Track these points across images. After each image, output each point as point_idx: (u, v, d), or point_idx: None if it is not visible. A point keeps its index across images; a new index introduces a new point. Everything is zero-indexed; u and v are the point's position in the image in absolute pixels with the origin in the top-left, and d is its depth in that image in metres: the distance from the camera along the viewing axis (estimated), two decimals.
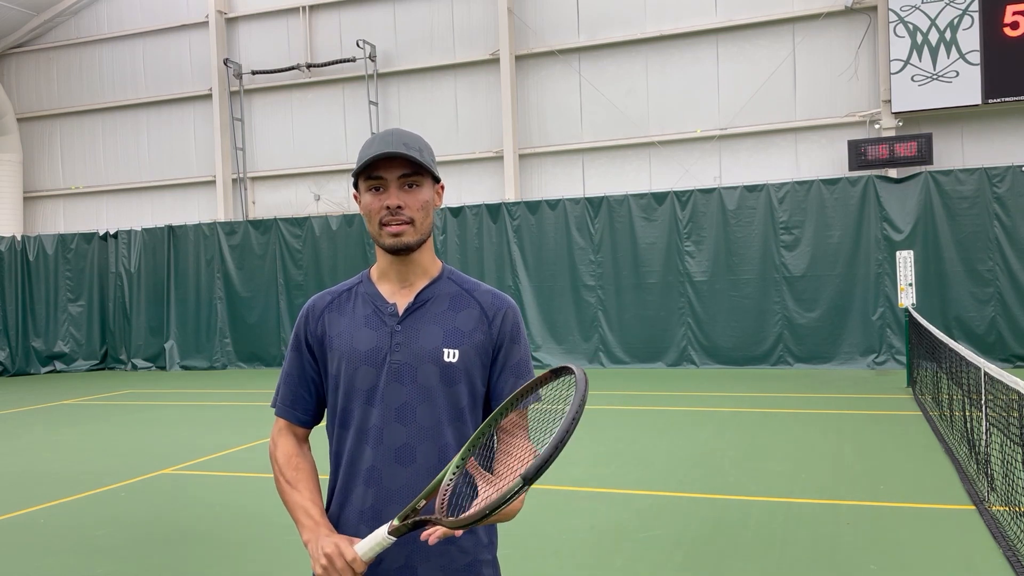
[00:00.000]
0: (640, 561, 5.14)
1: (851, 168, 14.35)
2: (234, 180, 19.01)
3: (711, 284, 14.75)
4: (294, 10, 18.53)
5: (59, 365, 18.82)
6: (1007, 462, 5.48)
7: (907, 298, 11.97)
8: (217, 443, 9.47)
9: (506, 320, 2.07)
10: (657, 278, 15.05)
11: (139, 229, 18.84)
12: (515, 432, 1.94)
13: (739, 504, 6.28)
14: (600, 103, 16.28)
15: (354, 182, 2.04)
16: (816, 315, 14.19)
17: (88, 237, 19.03)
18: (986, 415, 6.17)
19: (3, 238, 18.96)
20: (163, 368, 18.27)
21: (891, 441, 8.24)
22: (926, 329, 9.86)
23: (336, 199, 18.31)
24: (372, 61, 17.67)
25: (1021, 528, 5.03)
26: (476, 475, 1.75)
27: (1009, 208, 13.33)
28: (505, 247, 16.03)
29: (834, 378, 12.90)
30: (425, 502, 1.75)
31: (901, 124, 14.38)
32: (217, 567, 5.39)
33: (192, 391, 14.52)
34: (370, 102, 17.66)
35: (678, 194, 14.99)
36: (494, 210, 16.13)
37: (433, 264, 2.10)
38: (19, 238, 19.05)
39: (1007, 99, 13.59)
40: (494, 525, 2.10)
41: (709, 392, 12.02)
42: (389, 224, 1.97)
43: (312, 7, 18.39)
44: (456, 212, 16.34)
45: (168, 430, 10.57)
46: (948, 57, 13.82)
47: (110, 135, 20.35)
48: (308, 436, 2.16)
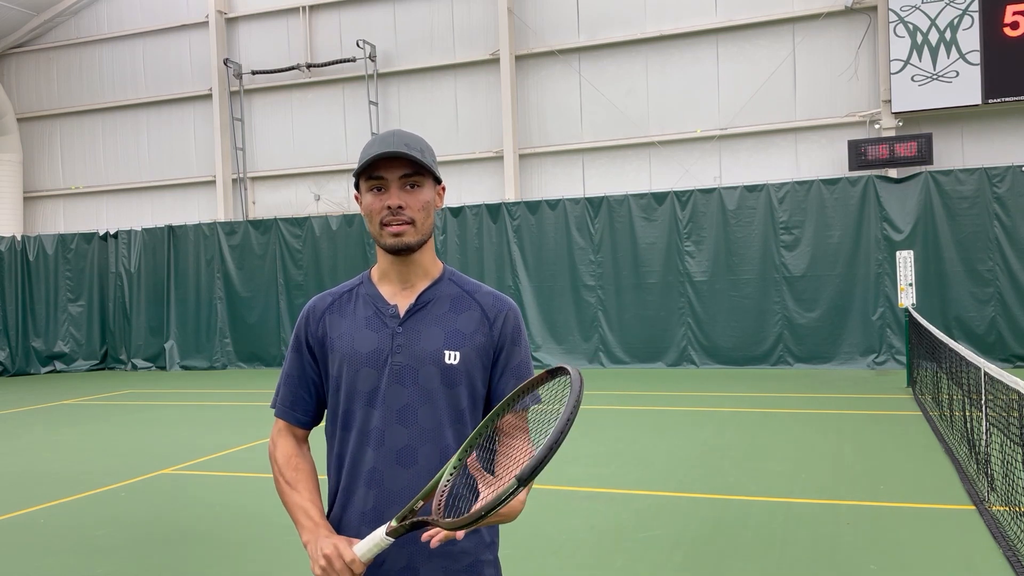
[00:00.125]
0: (640, 561, 5.14)
1: (851, 168, 14.36)
2: (234, 180, 19.01)
3: (711, 284, 14.75)
4: (294, 10, 18.54)
5: (59, 365, 18.82)
6: (1007, 462, 5.48)
7: (907, 298, 11.97)
8: (217, 443, 9.48)
9: (507, 322, 2.07)
10: (657, 278, 15.05)
11: (139, 229, 18.84)
12: (514, 434, 1.94)
13: (739, 504, 6.28)
14: (600, 103, 16.29)
15: (355, 182, 2.05)
16: (816, 315, 14.19)
17: (88, 237, 19.03)
18: (986, 415, 6.17)
19: (3, 238, 18.96)
20: (163, 368, 18.27)
21: (891, 441, 8.24)
22: (926, 329, 9.86)
23: (336, 199, 18.31)
24: (372, 61, 17.67)
25: (1021, 528, 5.03)
26: (477, 475, 1.75)
27: (1009, 208, 13.33)
28: (505, 247, 16.02)
29: (834, 378, 12.90)
30: (423, 503, 1.75)
31: (901, 124, 14.38)
32: (217, 567, 5.39)
33: (192, 391, 14.52)
34: (370, 102, 17.66)
35: (678, 194, 14.99)
36: (494, 210, 16.13)
37: (434, 265, 2.10)
38: (19, 238, 19.05)
39: (1007, 99, 13.59)
40: (495, 525, 2.10)
41: (709, 392, 12.02)
42: (390, 224, 1.97)
43: (312, 7, 18.39)
44: (456, 212, 16.34)
45: (168, 430, 10.58)
46: (948, 57, 13.83)
47: (110, 135, 20.35)
48: (308, 437, 2.16)
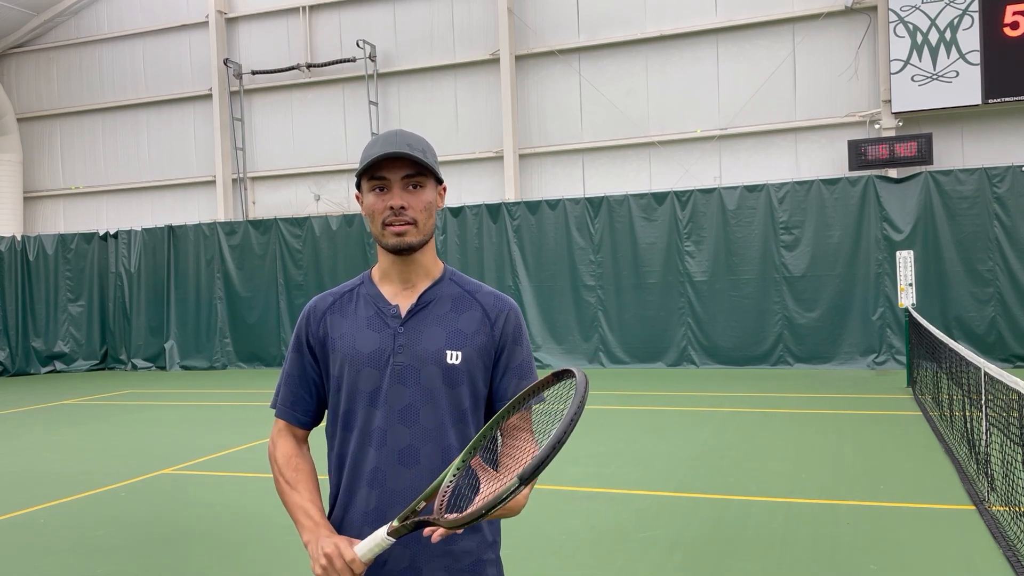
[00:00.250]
0: (640, 561, 5.15)
1: (851, 168, 14.36)
2: (234, 180, 19.01)
3: (711, 284, 14.75)
4: (294, 10, 18.54)
5: (59, 365, 18.81)
6: (1007, 462, 5.48)
7: (907, 298, 11.97)
8: (217, 443, 9.48)
9: (508, 322, 2.07)
10: (657, 278, 15.05)
11: (139, 229, 18.84)
12: (518, 435, 1.94)
13: (739, 504, 6.28)
14: (600, 103, 16.29)
15: (357, 182, 2.05)
16: (816, 315, 14.19)
17: (88, 237, 19.03)
18: (986, 415, 6.17)
19: (3, 238, 18.96)
20: (163, 368, 18.27)
21: (891, 441, 8.24)
22: (926, 329, 9.86)
23: (336, 199, 18.31)
24: (372, 61, 17.67)
25: (1021, 528, 5.03)
26: (480, 472, 1.76)
27: (1009, 208, 13.33)
28: (505, 247, 16.02)
29: (834, 378, 12.90)
30: (425, 503, 1.75)
31: (901, 124, 14.38)
32: (217, 567, 5.39)
33: (192, 391, 14.52)
34: (370, 102, 17.66)
35: (678, 194, 14.99)
36: (494, 210, 16.13)
37: (435, 265, 2.10)
38: (19, 238, 19.05)
39: (1007, 99, 13.59)
40: (498, 525, 2.11)
41: (709, 392, 12.02)
42: (392, 224, 1.97)
43: (312, 7, 18.39)
44: (456, 212, 16.34)
45: (168, 430, 10.57)
46: (948, 57, 13.83)
47: (110, 135, 20.35)
48: (307, 438, 2.16)
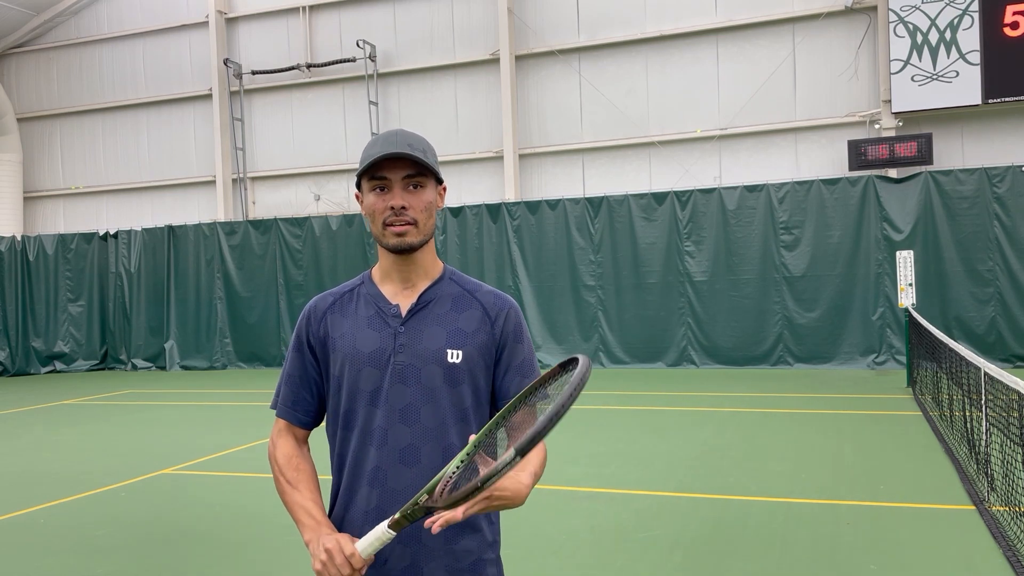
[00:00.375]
0: (640, 561, 5.15)
1: (851, 168, 14.36)
2: (234, 180, 19.01)
3: (711, 284, 14.75)
4: (294, 10, 18.53)
5: (59, 365, 18.81)
6: (1007, 462, 5.49)
7: (907, 298, 11.97)
8: (217, 443, 9.48)
9: (508, 320, 2.08)
10: (657, 278, 15.05)
11: (139, 229, 18.84)
12: (524, 429, 1.94)
13: (739, 504, 6.28)
14: (600, 103, 16.29)
15: (357, 182, 2.05)
16: (816, 315, 14.19)
17: (88, 237, 19.03)
18: (986, 415, 6.17)
19: (3, 238, 18.96)
20: (163, 368, 18.27)
21: (891, 441, 8.24)
22: (926, 329, 9.86)
23: (336, 199, 18.31)
24: (372, 61, 17.67)
25: (1021, 528, 5.03)
26: (482, 467, 1.76)
27: (1009, 208, 13.33)
28: (505, 247, 16.02)
29: (834, 378, 12.90)
30: (427, 497, 1.75)
31: (901, 124, 14.38)
32: (217, 567, 5.39)
33: (192, 391, 14.52)
34: (370, 102, 17.66)
35: (678, 194, 14.99)
36: (494, 210, 16.13)
37: (434, 265, 2.11)
38: (19, 238, 19.05)
39: (1007, 99, 13.59)
40: (497, 525, 2.10)
41: (709, 392, 12.02)
42: (393, 224, 1.98)
43: (312, 7, 18.39)
44: (456, 212, 16.33)
45: (168, 430, 10.57)
46: (948, 57, 13.83)
47: (110, 135, 20.35)
48: (308, 438, 2.16)
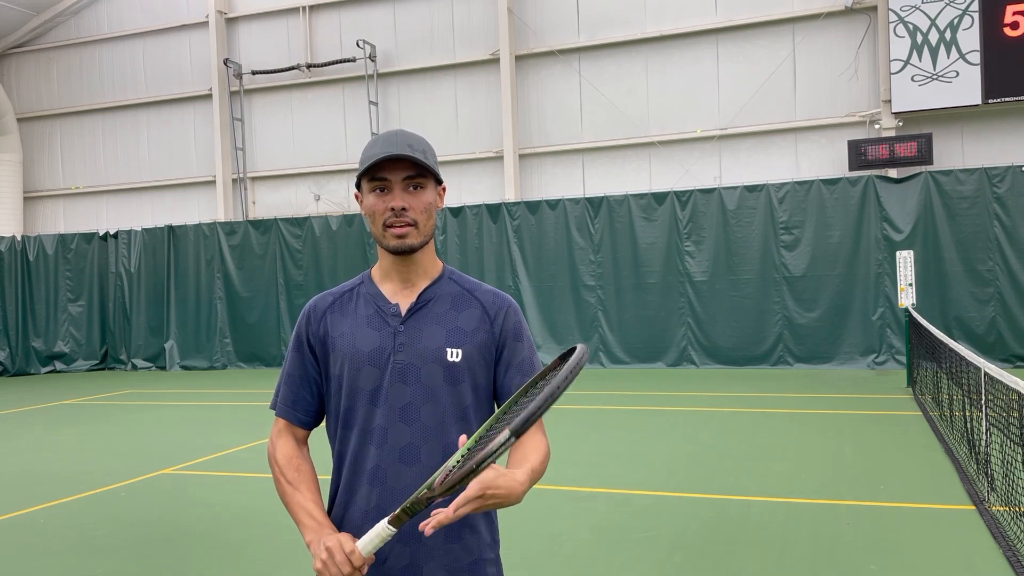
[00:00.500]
0: (640, 561, 5.15)
1: (851, 168, 14.36)
2: (234, 180, 19.01)
3: (711, 284, 14.75)
4: (294, 10, 18.53)
5: (59, 365, 18.81)
6: (1007, 462, 5.49)
7: (907, 298, 11.97)
8: (217, 443, 9.47)
9: (508, 319, 2.08)
10: (657, 278, 15.05)
11: (139, 229, 18.84)
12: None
13: (739, 504, 6.28)
14: (600, 103, 16.28)
15: (356, 182, 2.05)
16: (816, 315, 14.19)
17: (88, 237, 19.02)
18: (986, 415, 6.17)
19: (3, 238, 18.96)
20: (163, 368, 18.27)
21: (891, 441, 8.24)
22: (926, 329, 9.86)
23: (336, 199, 18.31)
24: (372, 61, 17.67)
25: (1021, 528, 5.03)
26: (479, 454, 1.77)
27: (1009, 208, 13.33)
28: (505, 247, 16.02)
29: (834, 378, 12.90)
30: (427, 491, 1.75)
31: (901, 124, 14.38)
32: (217, 567, 5.39)
33: (192, 391, 14.52)
34: (370, 102, 17.66)
35: (678, 194, 14.99)
36: (494, 210, 16.13)
37: (434, 265, 2.11)
38: (19, 238, 19.05)
39: (1007, 99, 13.59)
40: (496, 524, 2.10)
41: (709, 392, 12.01)
42: (393, 226, 1.98)
43: (312, 7, 18.39)
44: (456, 212, 16.33)
45: (168, 430, 10.57)
46: (948, 57, 13.82)
47: (110, 135, 20.35)
48: (307, 438, 2.16)
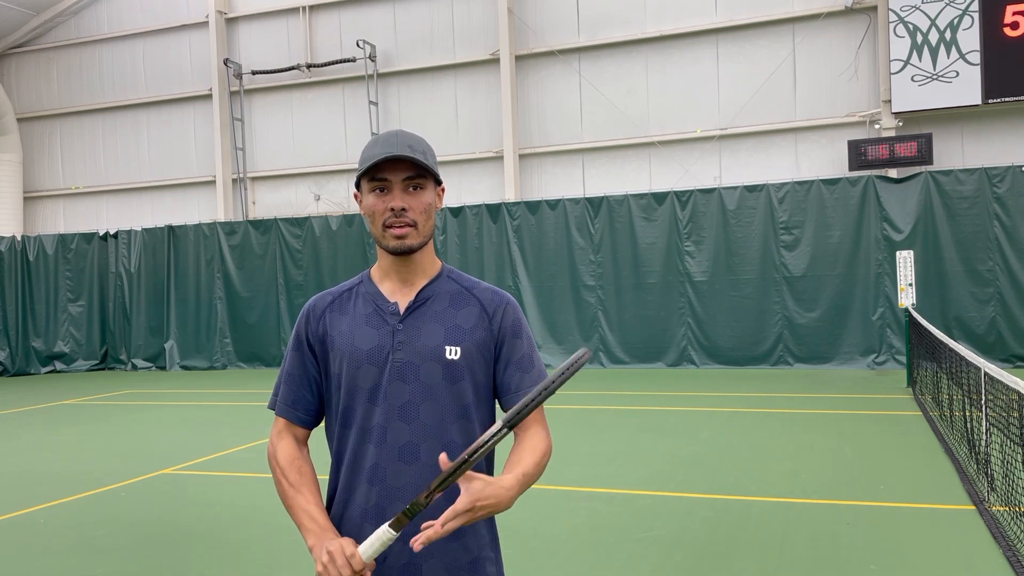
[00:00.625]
0: (640, 561, 5.14)
1: (851, 168, 14.36)
2: (234, 180, 19.01)
3: (711, 284, 14.74)
4: (294, 10, 18.53)
5: (59, 365, 18.81)
6: (1007, 462, 5.49)
7: (907, 298, 11.97)
8: (217, 443, 9.47)
9: (506, 316, 2.09)
10: (657, 278, 15.05)
11: (139, 229, 18.84)
12: (529, 427, 2.01)
13: (739, 504, 6.28)
14: (600, 103, 16.28)
15: (356, 182, 2.05)
16: (816, 315, 14.19)
17: (88, 237, 19.02)
18: (986, 415, 6.17)
19: (3, 238, 18.96)
20: (163, 368, 18.27)
21: (891, 441, 8.24)
22: (926, 329, 9.86)
23: (336, 199, 18.30)
24: (372, 61, 17.67)
25: (1021, 528, 5.03)
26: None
27: (1009, 208, 13.33)
28: (505, 247, 16.02)
29: (834, 378, 12.90)
30: (439, 494, 1.75)
31: (901, 124, 14.38)
32: (217, 567, 5.39)
33: (192, 391, 14.52)
34: (370, 102, 17.66)
35: (678, 194, 14.99)
36: (494, 210, 16.13)
37: (432, 264, 2.11)
38: (19, 238, 19.05)
39: (1007, 99, 13.59)
40: (495, 522, 2.10)
41: (709, 392, 12.01)
42: (392, 226, 1.99)
43: (312, 7, 18.39)
44: (456, 212, 16.33)
45: (168, 430, 10.57)
46: (948, 57, 13.82)
47: (110, 135, 20.35)
48: (307, 439, 2.15)
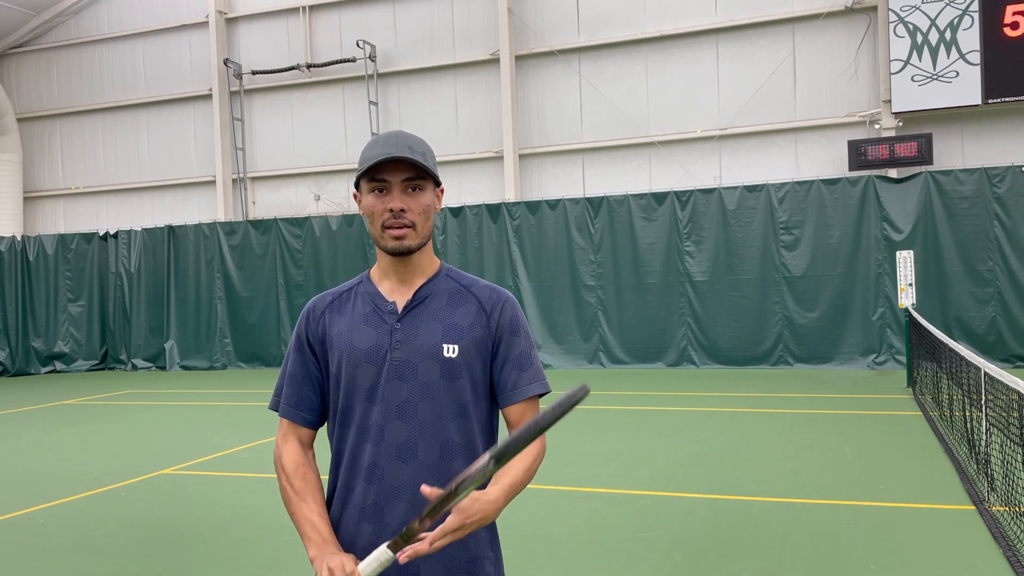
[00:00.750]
0: (640, 561, 5.14)
1: (851, 168, 14.35)
2: (234, 180, 19.01)
3: (711, 284, 14.74)
4: (294, 10, 18.53)
5: (59, 365, 18.81)
6: (1007, 462, 5.48)
7: (907, 298, 11.97)
8: (217, 443, 9.47)
9: (504, 313, 2.09)
10: (657, 278, 15.05)
11: (139, 229, 18.84)
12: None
13: (739, 504, 6.28)
14: (600, 103, 16.28)
15: (355, 182, 2.06)
16: (816, 315, 14.18)
17: (88, 237, 19.02)
18: (986, 415, 6.17)
19: (3, 238, 18.96)
20: (163, 368, 18.27)
21: (891, 441, 8.24)
22: (926, 329, 9.86)
23: (336, 199, 18.30)
24: (372, 61, 17.67)
25: (1021, 528, 5.03)
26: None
27: (1009, 208, 13.32)
28: (505, 247, 16.02)
29: (834, 378, 12.90)
30: (430, 522, 1.74)
31: (901, 124, 14.37)
32: (217, 567, 5.39)
33: (192, 391, 14.52)
34: (370, 102, 17.66)
35: (678, 194, 14.99)
36: (494, 210, 16.13)
37: (431, 263, 2.12)
38: (19, 238, 19.04)
39: (1007, 99, 13.59)
40: (495, 523, 2.10)
41: (709, 392, 12.01)
42: (392, 227, 1.99)
43: (312, 7, 18.39)
44: (456, 212, 16.33)
45: (168, 430, 10.57)
46: (948, 57, 13.82)
47: (110, 135, 20.35)
48: (313, 442, 2.15)
